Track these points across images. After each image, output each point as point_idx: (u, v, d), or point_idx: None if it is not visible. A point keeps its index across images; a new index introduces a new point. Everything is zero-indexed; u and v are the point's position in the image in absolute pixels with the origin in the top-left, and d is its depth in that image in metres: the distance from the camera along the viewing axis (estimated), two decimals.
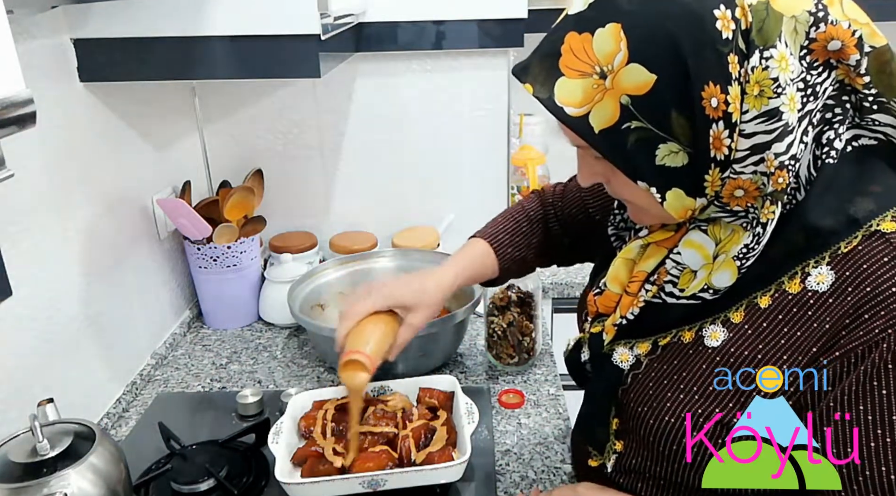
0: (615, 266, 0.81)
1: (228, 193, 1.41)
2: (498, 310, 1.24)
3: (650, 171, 0.65)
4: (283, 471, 0.91)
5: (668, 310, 0.75)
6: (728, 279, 0.70)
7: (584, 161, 0.75)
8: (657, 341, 0.76)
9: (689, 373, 0.72)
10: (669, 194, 0.67)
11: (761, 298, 0.69)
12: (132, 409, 1.20)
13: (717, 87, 0.61)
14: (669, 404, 0.73)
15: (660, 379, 0.74)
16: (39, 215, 1.01)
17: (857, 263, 0.64)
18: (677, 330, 0.75)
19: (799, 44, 0.63)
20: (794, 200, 0.68)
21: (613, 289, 0.81)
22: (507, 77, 1.52)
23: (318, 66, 1.08)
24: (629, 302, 0.78)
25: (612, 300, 0.81)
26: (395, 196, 1.63)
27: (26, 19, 0.99)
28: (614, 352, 0.79)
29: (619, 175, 0.68)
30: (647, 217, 0.75)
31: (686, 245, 0.73)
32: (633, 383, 0.77)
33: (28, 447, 0.76)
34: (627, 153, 0.64)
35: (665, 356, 0.75)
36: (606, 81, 0.63)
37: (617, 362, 0.79)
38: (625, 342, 0.79)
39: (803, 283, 0.67)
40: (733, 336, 0.70)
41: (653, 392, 0.74)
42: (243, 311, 1.47)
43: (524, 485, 0.99)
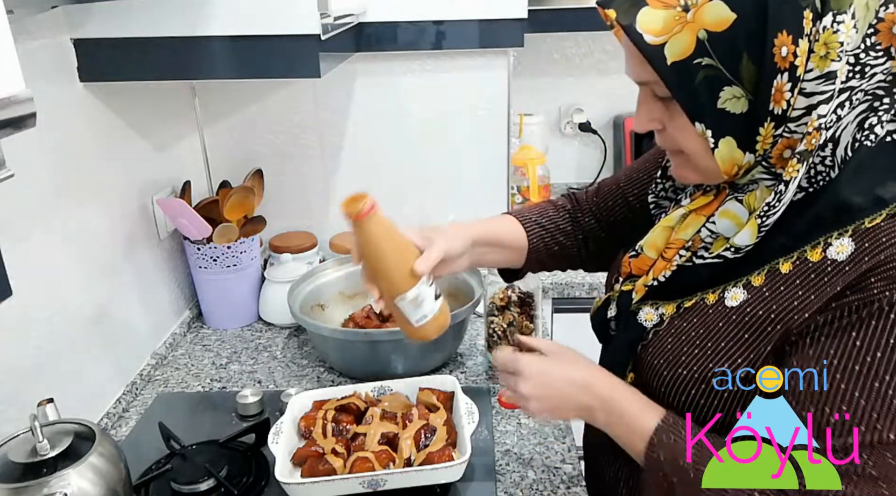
0: (654, 232, 0.85)
1: (228, 193, 1.41)
2: (498, 310, 1.24)
3: (710, 113, 0.68)
4: (283, 471, 0.91)
5: (695, 274, 0.78)
6: (748, 238, 0.73)
7: (644, 103, 0.76)
8: (682, 303, 0.80)
9: (705, 330, 0.77)
10: (722, 142, 0.69)
11: (783, 264, 0.73)
12: (132, 409, 1.20)
13: (789, 37, 0.64)
14: (684, 358, 0.77)
15: (678, 335, 0.79)
16: (39, 215, 1.01)
17: (876, 236, 0.67)
18: (702, 293, 0.78)
19: (868, 21, 0.66)
20: (827, 178, 0.71)
21: (650, 253, 0.85)
22: (507, 77, 1.52)
23: (318, 66, 1.08)
24: (663, 266, 0.82)
25: (646, 263, 0.85)
26: (395, 196, 1.63)
27: (26, 19, 0.99)
28: (640, 311, 0.83)
29: (676, 118, 0.72)
30: (692, 171, 0.77)
31: (722, 215, 0.77)
32: (654, 339, 0.81)
33: (28, 447, 0.76)
34: (693, 89, 0.67)
35: (687, 315, 0.79)
36: (689, 14, 0.65)
37: (641, 320, 0.83)
38: (651, 303, 0.83)
39: (824, 252, 0.69)
40: (751, 297, 0.74)
41: (670, 346, 0.79)
42: (243, 311, 1.47)
43: (524, 485, 0.99)
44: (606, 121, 2.20)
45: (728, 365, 0.74)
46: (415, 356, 1.21)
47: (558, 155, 2.19)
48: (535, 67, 2.13)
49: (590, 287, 1.59)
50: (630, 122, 2.04)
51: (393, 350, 1.19)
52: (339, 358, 1.26)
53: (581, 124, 2.18)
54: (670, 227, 0.83)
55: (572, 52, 2.13)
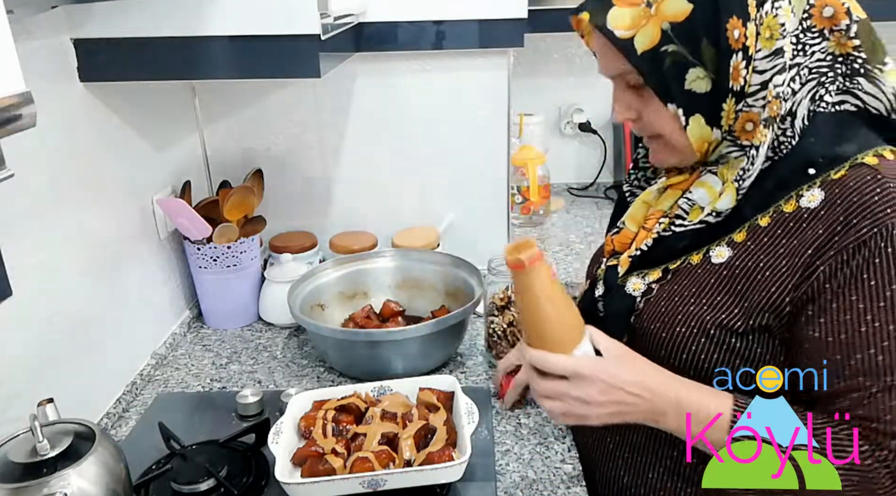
0: (634, 207, 0.92)
1: (228, 193, 1.41)
2: (498, 310, 1.24)
3: (679, 95, 0.77)
4: (283, 471, 0.91)
5: (677, 240, 0.84)
6: (729, 202, 0.81)
7: (619, 96, 0.84)
8: (668, 267, 0.85)
9: (697, 288, 0.82)
10: (693, 120, 0.78)
11: (761, 219, 0.80)
12: (132, 409, 1.20)
13: (739, 21, 0.74)
14: (680, 316, 0.82)
15: (671, 297, 0.84)
16: (39, 215, 1.01)
17: (844, 183, 0.75)
18: (685, 256, 0.84)
19: (802, 6, 0.78)
20: (790, 144, 0.80)
21: (631, 227, 0.91)
22: (507, 77, 1.52)
23: (318, 66, 1.08)
24: (644, 236, 0.88)
25: (628, 237, 0.91)
26: (395, 196, 1.63)
27: (26, 19, 0.99)
28: (627, 283, 0.88)
29: (650, 103, 0.80)
30: (669, 153, 0.84)
31: (698, 185, 0.84)
32: (646, 307, 0.85)
33: (28, 447, 0.76)
34: (663, 74, 0.76)
35: (675, 278, 0.85)
36: (652, 9, 0.75)
37: (630, 291, 0.87)
38: (637, 273, 0.88)
39: (798, 203, 0.77)
40: (736, 252, 0.81)
41: (665, 309, 0.83)
42: (243, 311, 1.47)
43: (524, 485, 0.99)
44: (606, 121, 2.20)
45: (725, 315, 0.79)
46: (415, 356, 1.21)
47: (558, 155, 2.19)
48: (535, 67, 2.13)
49: None
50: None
51: (393, 350, 1.19)
52: (339, 358, 1.26)
53: (581, 124, 2.18)
54: (648, 201, 0.91)
55: (572, 52, 2.13)
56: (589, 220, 1.99)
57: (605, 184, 2.24)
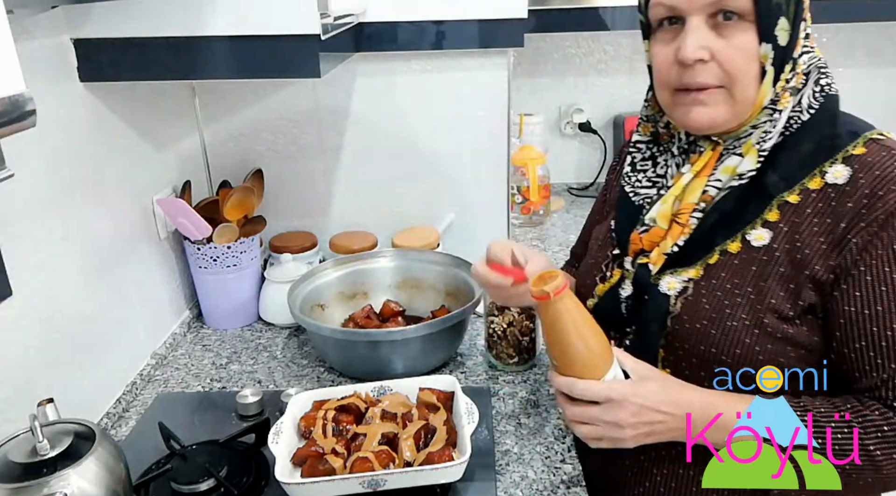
0: (663, 203, 0.87)
1: (228, 193, 1.41)
2: (498, 310, 1.24)
3: (771, 38, 0.77)
4: (283, 471, 0.91)
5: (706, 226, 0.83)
6: (750, 163, 0.81)
7: (694, 32, 0.79)
8: (706, 262, 0.83)
9: (741, 278, 0.81)
10: (770, 70, 0.78)
11: (789, 196, 0.81)
12: (132, 409, 1.20)
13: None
14: (729, 310, 0.80)
15: (713, 292, 0.82)
16: (39, 215, 1.01)
17: (863, 159, 0.78)
18: (721, 245, 0.83)
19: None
20: (799, 121, 0.81)
21: (661, 224, 0.87)
22: (507, 77, 1.52)
23: (318, 66, 1.08)
24: (679, 231, 0.85)
25: (658, 235, 0.87)
26: (395, 196, 1.63)
27: (26, 19, 0.99)
28: (661, 282, 0.85)
29: (732, 43, 0.78)
30: (721, 109, 0.81)
31: (724, 171, 0.83)
32: (686, 306, 0.83)
33: (28, 447, 0.76)
34: (771, 7, 0.76)
35: (715, 272, 0.82)
36: None
37: (664, 290, 0.84)
38: (670, 271, 0.85)
39: (823, 179, 0.79)
40: (775, 233, 0.80)
41: (709, 305, 0.81)
42: (243, 311, 1.47)
43: (524, 485, 0.99)
44: (606, 121, 2.20)
45: (775, 301, 0.78)
46: (415, 356, 1.21)
47: (558, 155, 2.19)
48: (535, 67, 2.13)
49: None
50: (630, 121, 2.04)
51: (393, 350, 1.19)
52: (339, 358, 1.26)
53: (581, 124, 2.18)
54: (675, 195, 0.87)
55: (572, 52, 2.13)
56: None
57: None
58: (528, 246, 1.81)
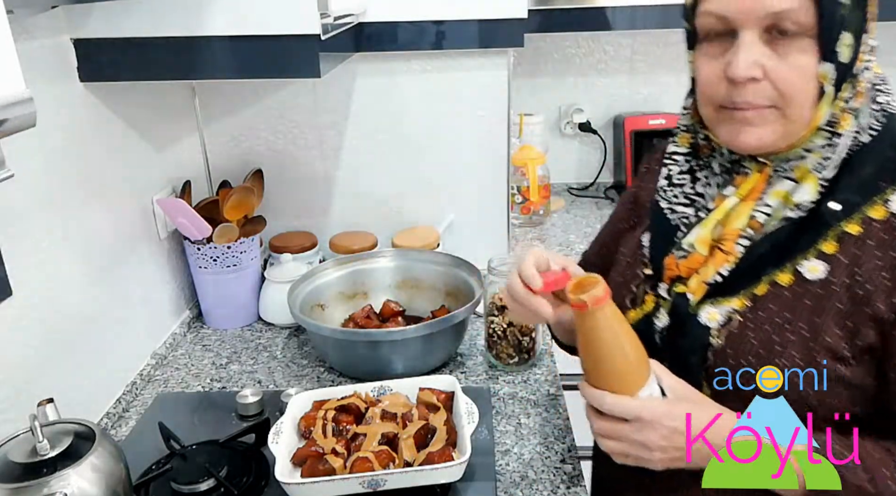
0: (703, 228, 0.79)
1: (228, 193, 1.41)
2: (498, 310, 1.24)
3: (833, 57, 0.70)
4: (283, 471, 0.91)
5: (756, 250, 0.76)
6: (809, 193, 0.74)
7: (748, 48, 0.71)
8: (752, 293, 0.76)
9: (794, 313, 0.73)
10: (829, 90, 0.71)
11: (848, 226, 0.73)
12: (132, 409, 1.20)
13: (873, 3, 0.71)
14: (779, 348, 0.73)
15: (761, 326, 0.74)
16: (39, 215, 1.01)
17: None
18: (769, 276, 0.76)
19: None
20: (859, 142, 0.74)
21: (701, 250, 0.79)
22: (507, 77, 1.52)
23: (318, 66, 1.08)
24: (722, 259, 0.77)
25: (697, 262, 0.80)
26: (395, 196, 1.63)
27: (26, 19, 0.99)
28: (700, 313, 0.78)
29: (788, 60, 0.70)
30: (773, 130, 0.74)
31: (775, 196, 0.76)
32: (730, 340, 0.76)
33: (28, 447, 0.76)
34: (835, 22, 0.68)
35: (763, 304, 0.75)
36: None
37: (704, 321, 0.77)
38: (711, 301, 0.78)
39: (886, 208, 0.73)
40: (833, 266, 0.73)
41: (757, 341, 0.74)
42: (243, 311, 1.47)
43: (524, 485, 0.99)
44: (606, 121, 2.20)
45: (831, 340, 0.72)
46: (415, 356, 1.21)
47: (558, 155, 2.19)
48: (535, 67, 2.13)
49: None
50: (630, 121, 2.05)
51: (393, 350, 1.19)
52: (339, 358, 1.26)
53: (581, 124, 2.18)
54: (719, 220, 0.79)
55: (572, 52, 2.13)
56: (589, 220, 1.99)
57: (605, 184, 2.24)
58: (528, 248, 1.81)
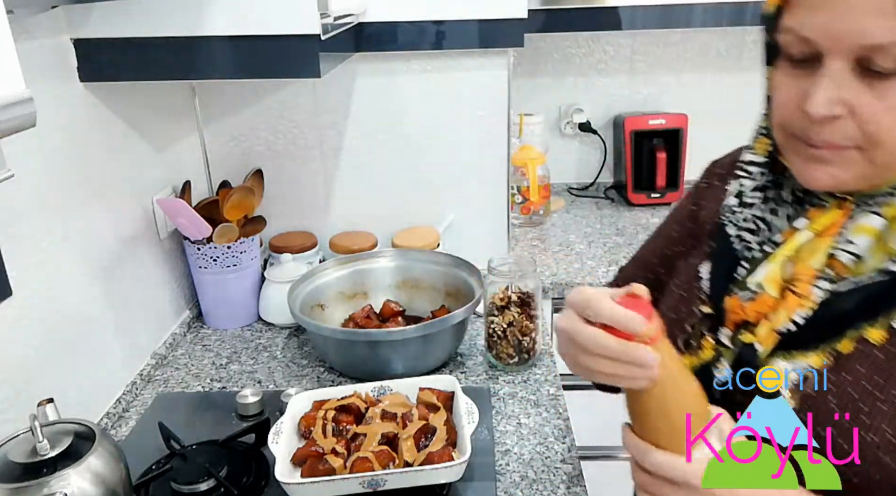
0: (772, 263, 0.69)
1: (228, 193, 1.41)
2: (498, 310, 1.24)
3: None
4: (283, 471, 0.91)
5: (839, 304, 0.65)
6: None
7: (833, 81, 0.60)
8: (835, 349, 0.65)
9: (886, 378, 0.63)
10: None
11: None
12: (132, 409, 1.20)
13: None
14: (867, 419, 0.63)
15: (845, 390, 0.65)
16: (39, 215, 1.01)
17: None
18: (856, 330, 0.65)
19: None
20: None
21: (771, 291, 0.68)
22: (507, 77, 1.52)
23: (318, 66, 1.08)
24: (796, 303, 0.66)
25: (767, 305, 0.69)
26: (395, 196, 1.63)
27: (26, 19, 0.99)
28: (771, 367, 0.68)
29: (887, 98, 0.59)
30: (857, 172, 0.63)
31: (858, 231, 0.65)
32: (805, 404, 0.66)
33: (28, 447, 0.76)
34: None
35: (848, 364, 0.65)
36: None
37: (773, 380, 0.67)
38: (783, 354, 0.68)
39: None
40: None
41: (839, 408, 0.64)
42: (243, 311, 1.47)
43: (524, 485, 0.99)
44: (606, 121, 2.20)
45: None
46: (415, 356, 1.21)
47: (558, 155, 2.19)
48: (535, 67, 2.13)
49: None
50: (630, 121, 2.04)
51: (393, 350, 1.20)
52: (339, 358, 1.26)
53: (581, 124, 2.18)
54: (790, 256, 0.68)
55: (572, 52, 2.13)
56: (589, 220, 1.99)
57: (605, 184, 2.24)
58: (528, 248, 1.81)
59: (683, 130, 2.01)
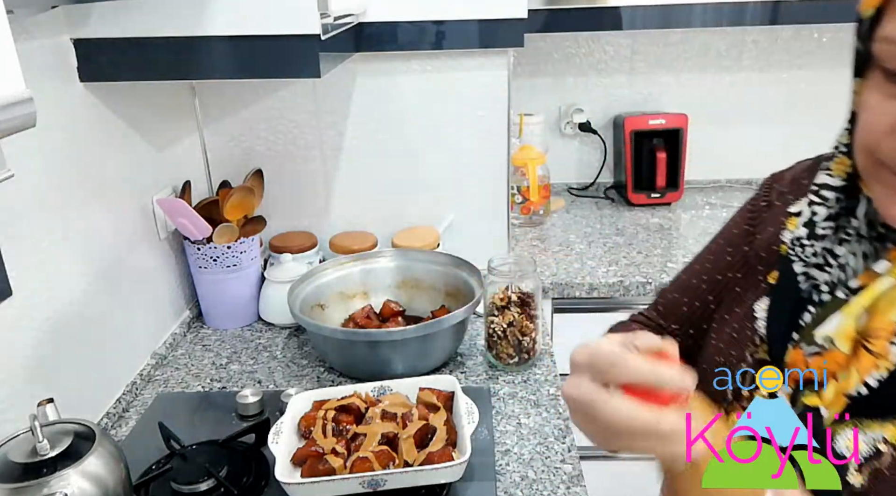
0: (845, 315, 0.60)
1: (228, 193, 1.41)
2: (498, 310, 1.24)
3: None
4: (283, 471, 0.91)
5: None
6: None
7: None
8: None
9: None
10: None
11: None
12: (132, 409, 1.20)
13: None
14: None
15: None
16: (39, 215, 1.01)
17: None
18: None
19: None
20: None
21: (842, 346, 0.60)
22: (507, 77, 1.52)
23: (318, 66, 1.08)
24: (871, 363, 0.58)
25: (837, 362, 0.60)
26: (395, 196, 1.63)
27: (26, 19, 0.99)
28: (837, 437, 0.61)
29: None
30: None
31: None
32: (876, 483, 0.58)
33: (28, 447, 0.76)
34: None
35: None
36: None
37: (842, 450, 0.60)
38: (853, 422, 0.60)
39: None
40: None
41: None
42: (243, 311, 1.47)
43: (524, 485, 0.99)
44: (606, 121, 2.20)
45: None
46: (415, 356, 1.21)
47: (558, 155, 2.19)
48: (535, 67, 2.13)
49: (590, 287, 1.59)
50: (630, 121, 2.04)
51: (393, 350, 1.20)
52: (339, 358, 1.26)
53: (581, 124, 2.18)
54: (867, 306, 0.59)
55: (572, 52, 2.13)
56: (589, 220, 1.99)
57: (605, 184, 2.24)
58: (528, 248, 1.81)
59: (683, 130, 2.01)
